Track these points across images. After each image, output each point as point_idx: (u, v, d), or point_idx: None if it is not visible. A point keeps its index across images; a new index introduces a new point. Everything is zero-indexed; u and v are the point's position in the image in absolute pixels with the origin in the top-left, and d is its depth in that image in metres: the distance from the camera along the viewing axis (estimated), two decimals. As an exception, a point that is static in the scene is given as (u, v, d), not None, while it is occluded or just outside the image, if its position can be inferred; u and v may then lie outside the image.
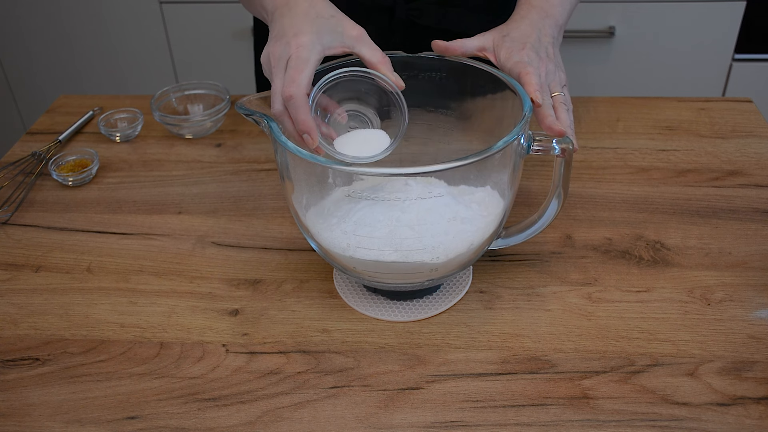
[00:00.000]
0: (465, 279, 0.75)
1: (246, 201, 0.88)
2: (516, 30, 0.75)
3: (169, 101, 1.03)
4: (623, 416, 0.61)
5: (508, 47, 0.73)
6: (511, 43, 0.74)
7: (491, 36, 0.75)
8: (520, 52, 0.72)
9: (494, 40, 0.75)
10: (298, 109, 0.62)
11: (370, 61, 0.66)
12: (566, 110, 0.71)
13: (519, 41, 0.73)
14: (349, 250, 0.65)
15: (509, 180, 0.66)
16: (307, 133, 0.62)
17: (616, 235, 0.80)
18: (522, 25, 0.75)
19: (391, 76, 0.66)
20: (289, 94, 0.62)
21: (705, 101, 1.05)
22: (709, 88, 1.75)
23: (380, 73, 0.66)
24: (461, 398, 0.63)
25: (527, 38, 0.74)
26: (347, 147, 0.66)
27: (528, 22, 0.76)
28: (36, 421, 0.62)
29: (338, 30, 0.66)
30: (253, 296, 0.74)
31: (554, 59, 0.74)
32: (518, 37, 0.74)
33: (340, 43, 0.66)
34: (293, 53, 0.64)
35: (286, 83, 0.62)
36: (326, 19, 0.66)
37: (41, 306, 0.74)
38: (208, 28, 1.78)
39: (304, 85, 0.62)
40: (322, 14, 0.67)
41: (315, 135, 0.62)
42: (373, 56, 0.66)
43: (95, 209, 0.88)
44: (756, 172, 0.90)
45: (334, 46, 0.66)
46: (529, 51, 0.72)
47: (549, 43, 0.75)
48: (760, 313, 0.70)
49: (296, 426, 0.61)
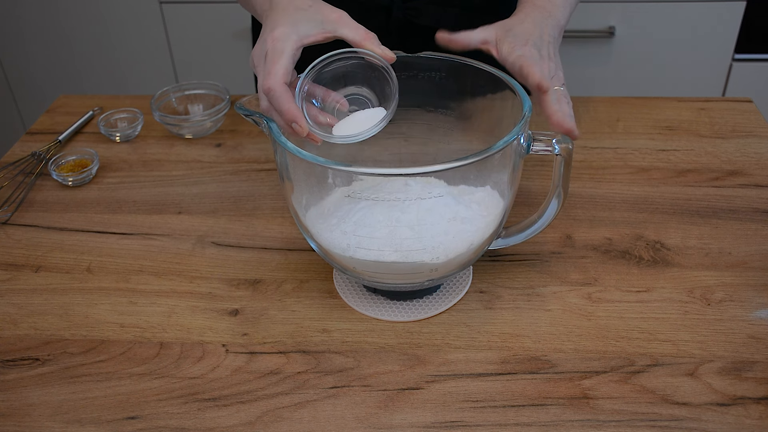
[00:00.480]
0: (465, 279, 0.75)
1: (246, 201, 0.88)
2: (519, 26, 0.75)
3: (169, 101, 1.03)
4: (623, 416, 0.61)
5: (511, 42, 0.73)
6: (513, 38, 0.73)
7: (494, 29, 0.75)
8: (522, 47, 0.72)
9: (497, 33, 0.75)
10: (280, 99, 0.62)
11: (354, 40, 0.65)
12: (567, 102, 0.71)
13: (522, 37, 0.73)
14: (349, 251, 0.65)
15: (509, 180, 0.66)
16: (295, 122, 0.62)
17: (616, 235, 0.80)
18: (525, 22, 0.75)
19: (378, 50, 0.65)
20: (267, 87, 0.62)
21: (705, 101, 1.05)
22: (709, 88, 1.75)
23: (366, 50, 0.65)
24: (461, 398, 0.63)
25: (530, 35, 0.74)
26: (345, 129, 0.66)
27: (531, 20, 0.76)
28: (36, 421, 0.62)
29: (316, 18, 0.66)
30: (252, 296, 0.74)
31: (554, 59, 0.74)
32: (521, 33, 0.74)
33: (319, 29, 0.65)
34: (269, 47, 0.64)
35: (264, 77, 0.62)
36: (304, 10, 0.66)
37: (41, 306, 0.74)
38: (208, 28, 1.78)
39: (280, 75, 0.62)
40: (301, 6, 0.66)
41: (302, 122, 0.62)
42: (356, 35, 0.65)
43: (95, 209, 0.88)
44: (756, 172, 0.90)
45: (312, 34, 0.65)
46: (531, 48, 0.72)
47: (550, 42, 0.75)
48: (760, 313, 0.70)
49: (296, 426, 0.61)
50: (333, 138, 0.65)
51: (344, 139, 0.65)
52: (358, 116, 0.67)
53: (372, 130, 0.65)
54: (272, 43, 0.64)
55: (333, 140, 0.65)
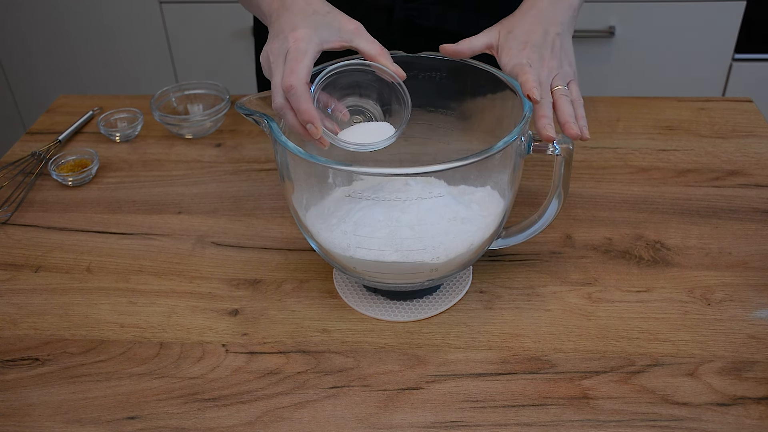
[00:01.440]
0: (465, 279, 0.75)
1: (246, 201, 0.88)
2: (520, 24, 0.74)
3: (169, 101, 1.03)
4: (623, 416, 0.61)
5: (510, 47, 0.73)
6: (513, 42, 0.73)
7: (497, 31, 0.75)
8: (520, 53, 0.72)
9: (499, 36, 0.74)
10: (300, 98, 0.62)
11: (369, 54, 0.66)
12: (568, 101, 0.70)
13: (521, 39, 0.73)
14: (349, 251, 0.65)
15: (509, 180, 0.66)
16: (311, 123, 0.62)
17: (616, 235, 0.80)
18: (528, 17, 0.74)
19: (391, 66, 0.66)
20: (289, 84, 0.62)
21: (705, 101, 1.05)
22: (709, 88, 1.75)
23: (380, 64, 0.66)
24: (461, 398, 0.63)
25: (530, 35, 0.73)
26: (351, 138, 0.66)
27: (535, 13, 0.74)
28: (36, 421, 0.62)
29: (335, 25, 0.67)
30: (252, 296, 0.74)
31: (559, 55, 0.73)
32: (521, 33, 0.73)
33: (337, 37, 0.67)
34: (291, 46, 0.64)
35: (286, 75, 0.63)
36: (322, 16, 0.67)
37: (41, 306, 0.74)
38: (208, 28, 1.78)
39: (303, 75, 0.62)
40: (319, 11, 0.67)
41: (318, 124, 0.62)
42: (372, 48, 0.66)
43: (95, 209, 0.88)
44: (756, 172, 0.90)
45: (331, 41, 0.66)
46: (530, 51, 0.72)
47: (556, 34, 0.73)
48: (760, 313, 0.70)
49: (296, 426, 0.61)
50: (345, 144, 0.66)
51: (357, 147, 0.66)
52: (364, 127, 0.68)
53: (385, 142, 0.66)
54: (295, 42, 0.64)
55: (345, 146, 0.66)
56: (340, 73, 0.67)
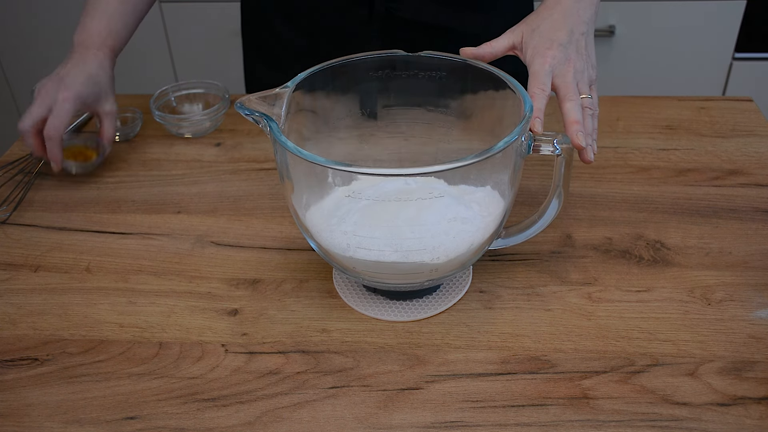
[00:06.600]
0: (465, 279, 0.75)
1: (245, 201, 0.88)
2: (546, 21, 0.73)
3: (169, 100, 1.03)
4: (623, 416, 0.61)
5: (535, 45, 0.71)
6: (539, 40, 0.72)
7: (521, 31, 0.73)
8: (546, 51, 0.71)
9: (524, 35, 0.73)
10: (54, 147, 0.87)
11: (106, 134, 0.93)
12: (590, 114, 0.70)
13: (547, 37, 0.71)
14: (349, 251, 0.65)
15: (510, 180, 0.66)
16: (54, 162, 0.88)
17: (616, 234, 0.80)
18: (554, 13, 0.73)
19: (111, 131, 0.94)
20: (49, 136, 0.86)
21: (705, 100, 1.05)
22: (709, 87, 1.75)
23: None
24: (461, 398, 0.63)
25: (556, 33, 0.71)
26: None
27: (561, 10, 0.73)
28: (35, 421, 0.62)
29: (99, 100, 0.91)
30: (252, 296, 0.74)
31: (583, 56, 0.72)
32: (547, 31, 0.72)
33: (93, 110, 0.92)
34: (59, 102, 0.86)
35: (49, 128, 0.86)
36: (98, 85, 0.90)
37: (40, 306, 0.74)
38: (208, 28, 1.77)
39: (61, 130, 0.86)
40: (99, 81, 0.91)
41: (60, 165, 0.89)
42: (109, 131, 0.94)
43: (94, 209, 0.88)
44: (756, 172, 0.90)
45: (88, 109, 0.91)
46: (556, 51, 0.71)
47: (581, 33, 0.72)
48: (760, 312, 0.70)
49: (296, 426, 0.61)
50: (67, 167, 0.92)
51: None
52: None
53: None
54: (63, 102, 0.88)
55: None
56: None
